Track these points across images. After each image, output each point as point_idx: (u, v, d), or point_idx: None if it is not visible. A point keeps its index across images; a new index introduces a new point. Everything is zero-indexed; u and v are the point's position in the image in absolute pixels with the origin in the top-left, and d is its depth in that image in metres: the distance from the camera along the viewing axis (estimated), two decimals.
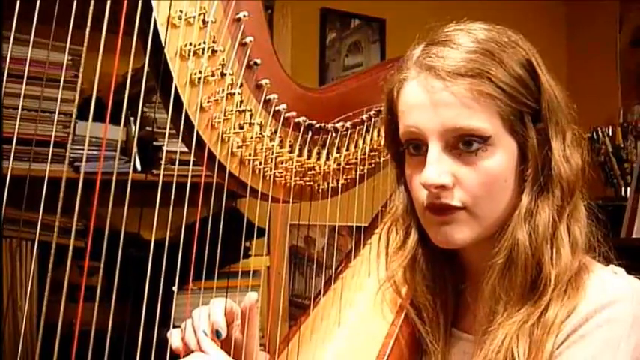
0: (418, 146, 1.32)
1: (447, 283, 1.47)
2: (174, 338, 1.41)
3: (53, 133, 2.59)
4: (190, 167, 1.42)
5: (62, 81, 2.41)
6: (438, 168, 1.27)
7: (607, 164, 4.42)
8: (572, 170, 1.31)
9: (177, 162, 1.52)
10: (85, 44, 1.25)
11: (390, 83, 1.39)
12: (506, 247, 1.29)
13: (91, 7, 1.21)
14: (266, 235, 3.00)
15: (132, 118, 2.91)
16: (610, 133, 4.45)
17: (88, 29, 1.22)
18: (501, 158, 1.29)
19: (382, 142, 1.57)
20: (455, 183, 1.29)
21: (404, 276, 1.49)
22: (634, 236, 3.83)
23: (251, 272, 3.10)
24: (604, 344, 1.21)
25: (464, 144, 1.28)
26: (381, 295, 1.55)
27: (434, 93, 1.27)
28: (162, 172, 1.81)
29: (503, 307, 1.30)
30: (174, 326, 1.45)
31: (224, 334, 1.40)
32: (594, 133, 4.45)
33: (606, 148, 4.41)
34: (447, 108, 1.26)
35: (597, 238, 1.37)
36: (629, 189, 4.18)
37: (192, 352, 1.37)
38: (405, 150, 1.36)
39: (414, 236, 1.45)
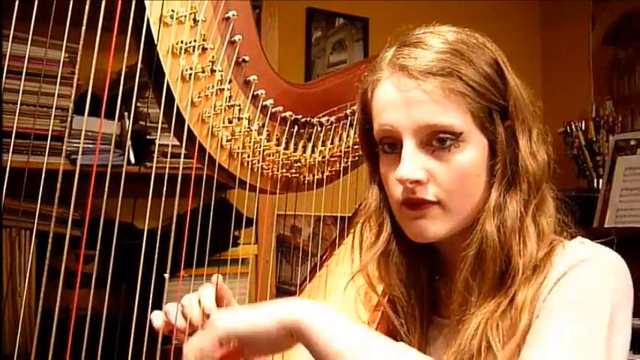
0: (392, 144, 1.32)
1: (422, 276, 1.47)
2: (155, 319, 1.41)
3: (50, 127, 2.58)
4: (182, 160, 1.42)
5: (59, 77, 2.39)
6: (412, 164, 1.28)
7: (580, 157, 4.42)
8: (539, 165, 1.32)
9: (169, 155, 1.52)
10: (81, 42, 1.25)
11: (364, 84, 1.39)
12: (477, 239, 1.30)
13: (87, 7, 1.21)
14: (254, 224, 2.99)
15: (126, 113, 2.90)
16: (583, 128, 4.45)
17: (83, 28, 1.23)
18: (473, 154, 1.29)
19: None
20: (429, 178, 1.29)
21: (378, 270, 1.49)
22: (606, 225, 3.84)
23: (240, 260, 3.10)
24: (583, 288, 1.22)
25: (437, 140, 1.28)
26: (360, 284, 1.55)
27: (407, 92, 1.28)
28: (154, 165, 1.82)
29: (476, 297, 1.30)
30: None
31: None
32: (568, 128, 4.45)
33: (579, 141, 4.42)
34: (420, 106, 1.27)
35: (568, 224, 1.38)
36: (601, 180, 4.19)
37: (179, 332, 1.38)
38: (380, 149, 1.36)
39: (387, 231, 1.45)
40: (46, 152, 1.49)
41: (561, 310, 1.21)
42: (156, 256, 1.34)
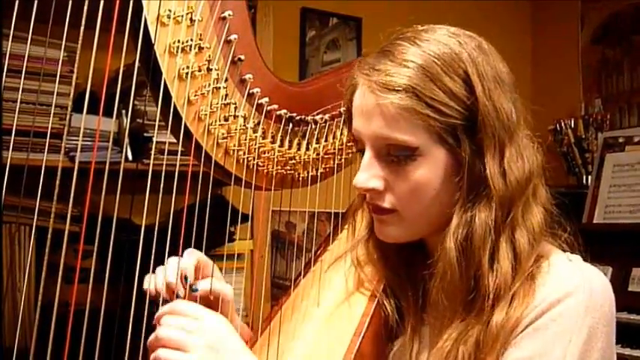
0: (362, 148, 1.34)
1: (416, 268, 1.45)
2: (145, 282, 1.42)
3: (50, 125, 2.58)
4: (178, 157, 1.42)
5: (58, 76, 2.39)
6: (367, 173, 1.30)
7: (569, 154, 4.44)
8: (511, 184, 1.27)
9: (165, 152, 1.52)
10: (80, 42, 1.25)
11: (346, 86, 1.40)
12: (442, 256, 1.28)
13: (85, 7, 1.21)
14: (249, 220, 3.00)
15: (124, 111, 2.90)
16: (572, 125, 4.47)
17: (82, 28, 1.23)
18: (429, 168, 1.28)
19: None
20: (386, 187, 1.30)
21: (373, 259, 1.50)
22: (595, 221, 3.86)
23: (235, 255, 3.10)
24: (555, 338, 1.21)
25: (393, 153, 1.28)
26: (354, 278, 1.56)
27: (367, 104, 1.29)
28: (152, 162, 1.81)
29: (449, 311, 1.30)
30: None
31: (191, 279, 1.42)
32: (557, 125, 4.47)
33: (569, 139, 4.44)
34: (376, 119, 1.27)
35: (559, 234, 1.36)
36: (590, 177, 4.22)
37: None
38: None
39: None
40: (45, 149, 1.49)
41: None
42: (153, 251, 1.34)
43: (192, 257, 1.46)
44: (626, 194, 3.81)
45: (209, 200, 1.45)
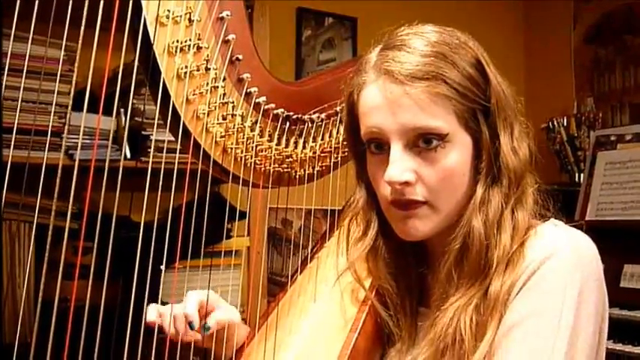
0: (380, 145, 1.32)
1: (410, 268, 1.47)
2: (150, 312, 1.45)
3: (50, 124, 2.58)
4: (177, 155, 1.42)
5: (59, 75, 2.40)
6: (400, 166, 1.27)
7: (562, 152, 4.45)
8: (520, 161, 1.31)
9: (164, 150, 1.52)
10: (80, 41, 1.25)
11: (350, 86, 1.38)
12: (462, 234, 1.29)
13: (85, 7, 1.21)
14: (247, 217, 3.00)
15: (122, 110, 2.90)
16: (565, 124, 4.47)
17: (82, 27, 1.23)
18: (459, 153, 1.29)
19: None
20: (417, 179, 1.28)
21: (367, 264, 1.49)
22: (587, 218, 3.86)
23: (233, 252, 3.11)
24: (549, 294, 1.21)
25: (423, 141, 1.27)
26: (347, 282, 1.56)
27: (393, 96, 1.27)
28: (150, 160, 1.82)
29: (455, 288, 1.30)
30: (161, 302, 1.47)
31: (196, 326, 1.46)
32: (550, 124, 4.47)
33: (561, 137, 4.44)
34: (406, 110, 1.26)
35: (546, 216, 1.36)
36: (582, 175, 4.23)
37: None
38: (367, 148, 1.35)
39: (374, 228, 1.45)
40: (46, 148, 1.49)
41: (522, 323, 1.21)
42: (152, 248, 1.34)
43: (194, 302, 1.49)
44: (617, 191, 3.81)
45: (208, 198, 1.46)
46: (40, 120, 2.56)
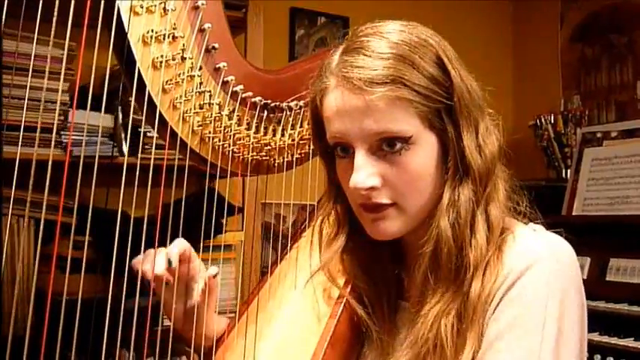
0: (345, 149, 1.29)
1: (385, 265, 1.45)
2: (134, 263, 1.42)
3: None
4: (176, 154, 1.44)
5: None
6: (365, 172, 1.25)
7: (549, 149, 4.45)
8: (486, 158, 1.28)
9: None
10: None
11: (313, 91, 1.35)
12: (433, 236, 1.26)
13: (72, 4, 1.20)
14: (242, 212, 3.00)
15: (119, 107, 2.90)
16: (552, 121, 4.48)
17: (69, 27, 1.22)
18: (424, 154, 1.26)
19: None
20: (383, 183, 1.26)
21: (341, 264, 1.47)
22: (574, 213, 3.87)
23: (228, 246, 3.11)
24: (531, 304, 1.19)
25: (387, 145, 1.24)
26: (316, 285, 1.54)
27: (352, 102, 1.24)
28: (151, 156, 1.80)
29: (433, 290, 1.27)
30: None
31: (175, 264, 1.40)
32: (538, 121, 4.47)
33: (549, 134, 4.44)
34: (367, 116, 1.23)
35: (523, 211, 1.35)
36: (569, 171, 4.25)
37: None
38: (334, 151, 1.33)
39: (346, 229, 1.43)
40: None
41: (506, 335, 1.19)
42: (145, 242, 1.34)
43: (178, 244, 1.44)
44: (603, 187, 3.83)
45: (204, 193, 1.45)
46: (35, 117, 2.56)
